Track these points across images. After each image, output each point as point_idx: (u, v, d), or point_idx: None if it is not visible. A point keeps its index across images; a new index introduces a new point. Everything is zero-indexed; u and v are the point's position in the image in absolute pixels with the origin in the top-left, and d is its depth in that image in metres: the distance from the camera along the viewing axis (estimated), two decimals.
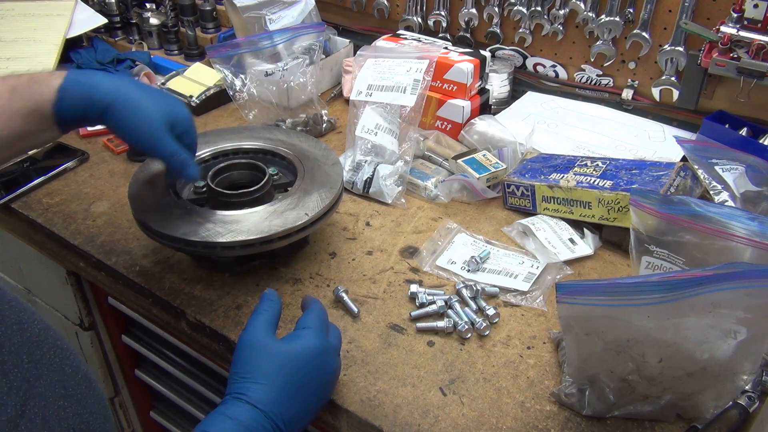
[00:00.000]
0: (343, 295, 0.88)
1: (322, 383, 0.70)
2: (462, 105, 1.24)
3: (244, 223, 0.85)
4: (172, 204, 0.88)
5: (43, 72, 0.77)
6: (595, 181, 0.98)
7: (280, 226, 0.84)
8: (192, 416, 1.19)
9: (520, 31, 1.35)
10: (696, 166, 1.01)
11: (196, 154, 0.89)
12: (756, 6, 1.05)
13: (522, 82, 1.42)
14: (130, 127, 0.76)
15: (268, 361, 0.66)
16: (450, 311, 0.86)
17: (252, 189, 0.89)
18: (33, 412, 0.53)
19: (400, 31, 1.38)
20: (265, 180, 0.90)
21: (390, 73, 1.05)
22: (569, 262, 0.95)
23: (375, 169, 1.08)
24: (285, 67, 1.27)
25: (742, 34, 1.06)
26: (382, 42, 1.31)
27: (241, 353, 0.67)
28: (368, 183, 1.08)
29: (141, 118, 0.76)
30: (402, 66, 1.02)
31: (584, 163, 1.05)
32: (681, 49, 1.19)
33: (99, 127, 1.11)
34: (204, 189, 0.93)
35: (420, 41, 1.31)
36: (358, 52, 1.23)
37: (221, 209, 0.87)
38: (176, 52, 1.59)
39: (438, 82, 1.25)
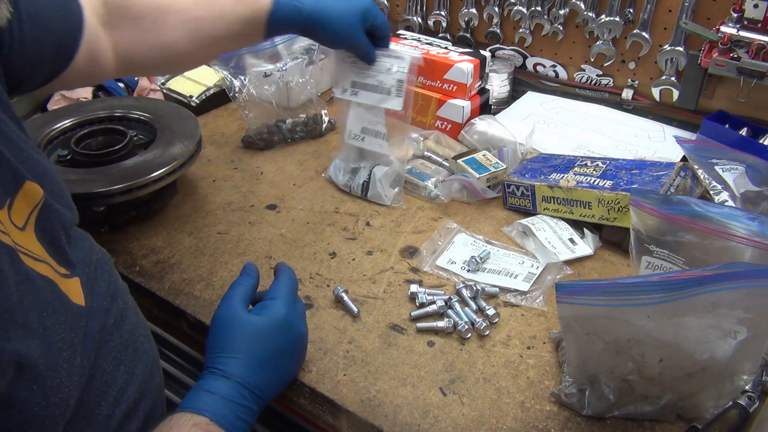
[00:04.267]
0: (343, 295, 0.88)
1: (292, 349, 0.75)
2: (462, 105, 1.24)
3: (117, 174, 0.95)
4: None
5: None
6: (595, 181, 0.98)
7: (154, 170, 0.96)
8: None
9: (520, 31, 1.35)
10: (696, 166, 1.01)
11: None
12: (756, 6, 1.05)
13: (522, 82, 1.42)
14: (331, 33, 0.91)
15: (240, 335, 0.71)
16: (450, 311, 0.86)
17: (116, 147, 0.99)
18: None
19: (400, 31, 1.38)
20: (126, 140, 1.00)
21: (371, 70, 1.02)
22: (569, 262, 0.95)
23: (371, 171, 1.08)
24: (284, 68, 1.27)
25: (742, 34, 1.06)
26: None
27: (215, 329, 0.72)
28: (365, 186, 1.08)
29: (340, 26, 0.90)
30: (383, 63, 1.01)
31: (584, 163, 1.05)
32: (681, 49, 1.19)
33: None
34: (68, 155, 1.00)
35: (420, 41, 1.31)
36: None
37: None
38: None
39: (438, 82, 1.25)
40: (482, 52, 1.28)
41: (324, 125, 1.29)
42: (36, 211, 0.59)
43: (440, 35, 1.44)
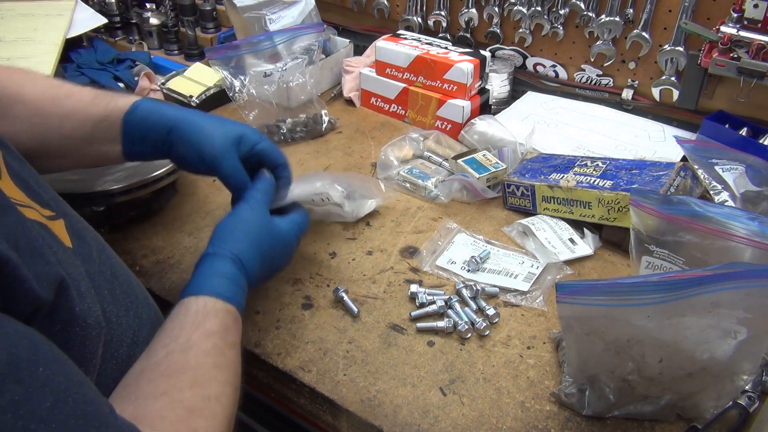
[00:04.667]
0: (343, 295, 0.88)
1: (283, 256, 0.81)
2: (462, 105, 1.24)
3: (116, 174, 0.94)
4: None
5: (129, 94, 0.83)
6: (595, 181, 0.98)
7: (154, 170, 0.95)
8: None
9: (520, 31, 1.35)
10: (696, 166, 1.01)
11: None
12: (756, 6, 1.05)
13: (522, 82, 1.42)
14: (194, 144, 0.78)
15: (261, 231, 0.76)
16: (450, 311, 0.86)
17: None
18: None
19: (400, 31, 1.38)
20: None
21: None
22: (569, 262, 0.95)
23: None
24: (284, 68, 1.27)
25: (742, 34, 1.06)
26: (382, 42, 1.31)
27: (243, 219, 0.76)
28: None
29: (207, 143, 0.78)
30: (315, 198, 0.89)
31: (584, 163, 1.05)
32: (681, 49, 1.19)
33: None
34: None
35: (420, 41, 1.31)
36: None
37: None
38: (176, 52, 1.59)
39: (438, 82, 1.26)
40: (482, 52, 1.28)
41: (324, 125, 1.29)
42: (1, 159, 0.58)
43: (440, 35, 1.44)
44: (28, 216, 0.54)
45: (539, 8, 1.31)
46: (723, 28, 1.08)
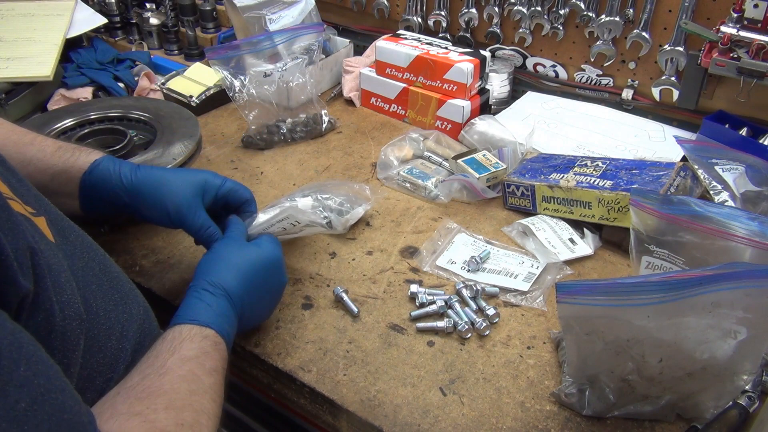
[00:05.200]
0: (343, 295, 0.88)
1: (275, 289, 0.80)
2: (462, 105, 1.24)
3: None
4: None
5: (92, 150, 0.81)
6: (595, 181, 0.98)
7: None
8: None
9: (520, 31, 1.35)
10: (696, 166, 1.01)
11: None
12: (756, 6, 1.05)
13: (522, 82, 1.42)
14: (158, 205, 0.79)
15: (240, 258, 0.75)
16: (450, 311, 0.86)
17: (116, 147, 0.98)
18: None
19: (400, 31, 1.38)
20: (126, 140, 1.00)
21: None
22: (569, 262, 0.95)
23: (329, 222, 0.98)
24: (284, 68, 1.27)
25: (742, 34, 1.06)
26: (382, 42, 1.31)
27: (216, 251, 0.76)
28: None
29: (167, 196, 0.79)
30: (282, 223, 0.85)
31: (584, 163, 1.05)
32: (681, 49, 1.19)
33: None
34: None
35: (420, 41, 1.31)
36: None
37: None
38: (176, 52, 1.59)
39: (438, 82, 1.26)
40: (482, 52, 1.28)
41: (324, 125, 1.29)
42: None
43: (440, 35, 1.44)
44: (14, 209, 0.54)
45: (539, 8, 1.31)
46: (723, 28, 1.08)
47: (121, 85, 1.38)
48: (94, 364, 0.59)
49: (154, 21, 1.57)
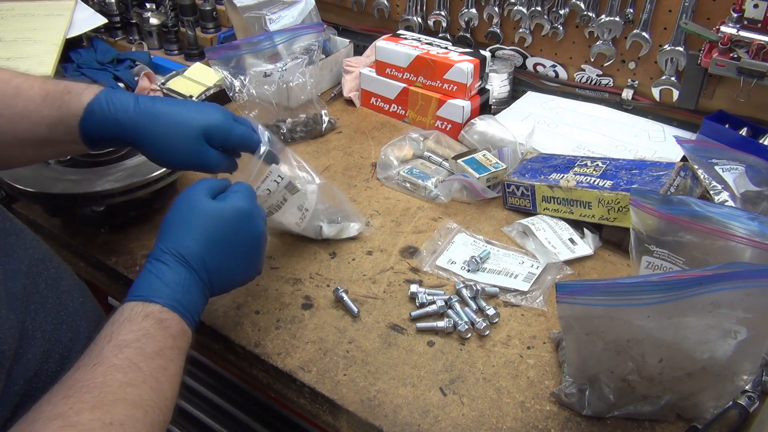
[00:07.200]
0: (343, 295, 0.88)
1: (249, 243, 0.72)
2: (462, 105, 1.24)
3: (116, 174, 0.94)
4: (46, 170, 0.96)
5: (80, 83, 0.75)
6: (595, 181, 0.98)
7: (154, 170, 0.94)
8: (191, 415, 1.19)
9: (520, 31, 1.35)
10: (696, 166, 1.01)
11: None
12: (756, 6, 1.05)
13: (522, 82, 1.42)
14: (165, 153, 0.74)
15: (197, 214, 0.69)
16: (450, 311, 0.86)
17: (116, 148, 0.97)
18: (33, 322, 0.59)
19: (400, 31, 1.38)
20: None
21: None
22: (569, 262, 0.95)
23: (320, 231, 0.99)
24: (284, 68, 1.27)
25: (742, 34, 1.06)
26: (382, 42, 1.31)
27: (173, 210, 0.70)
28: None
29: (174, 144, 0.73)
30: (259, 197, 0.81)
31: (584, 163, 1.05)
32: (681, 49, 1.19)
33: None
34: (68, 156, 0.97)
35: (420, 41, 1.31)
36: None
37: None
38: (176, 52, 1.59)
39: (438, 82, 1.26)
40: (482, 52, 1.28)
41: (324, 125, 1.29)
42: None
43: (440, 35, 1.44)
44: None
45: (539, 8, 1.31)
46: (723, 28, 1.08)
47: (121, 85, 1.38)
48: (27, 388, 0.57)
49: (154, 21, 1.57)
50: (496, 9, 1.36)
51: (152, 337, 0.59)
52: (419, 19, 1.46)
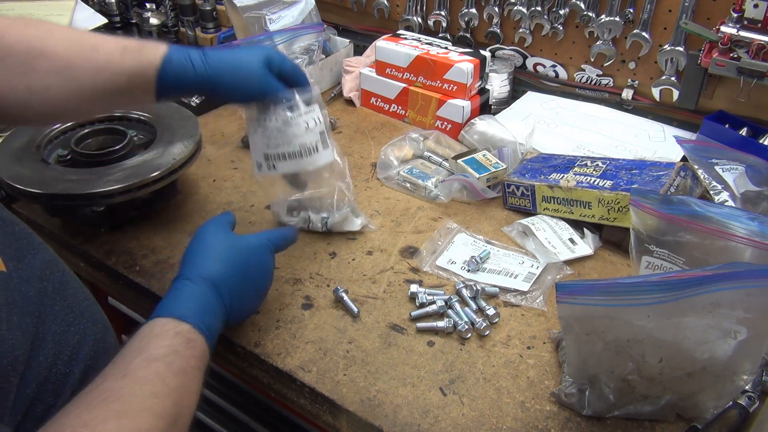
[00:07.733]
0: (343, 295, 0.88)
1: (263, 278, 0.80)
2: (462, 105, 1.24)
3: (116, 174, 0.94)
4: (46, 170, 0.97)
5: (149, 41, 0.80)
6: (595, 181, 0.98)
7: (154, 170, 0.95)
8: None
9: (520, 31, 1.35)
10: (696, 166, 1.01)
11: None
12: (756, 6, 1.05)
13: (522, 82, 1.42)
14: (241, 85, 0.81)
15: (224, 246, 0.76)
16: (450, 311, 0.86)
17: (116, 147, 0.99)
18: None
19: (400, 31, 1.38)
20: (126, 140, 1.00)
21: (285, 136, 0.87)
22: (569, 262, 0.95)
23: (325, 222, 1.01)
24: None
25: (742, 34, 1.06)
26: (382, 42, 1.31)
27: (199, 240, 0.77)
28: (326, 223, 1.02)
29: (248, 76, 0.81)
30: (299, 125, 0.86)
31: (584, 163, 1.05)
32: (681, 49, 1.19)
33: None
34: (68, 155, 1.00)
35: (420, 41, 1.31)
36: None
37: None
38: None
39: (438, 82, 1.26)
40: (482, 52, 1.28)
41: None
42: None
43: (440, 35, 1.44)
44: None
45: (539, 8, 1.31)
46: (723, 28, 1.08)
47: None
48: (38, 391, 0.58)
49: (154, 21, 1.57)
50: (496, 9, 1.36)
51: (180, 354, 0.61)
52: (419, 19, 1.46)
